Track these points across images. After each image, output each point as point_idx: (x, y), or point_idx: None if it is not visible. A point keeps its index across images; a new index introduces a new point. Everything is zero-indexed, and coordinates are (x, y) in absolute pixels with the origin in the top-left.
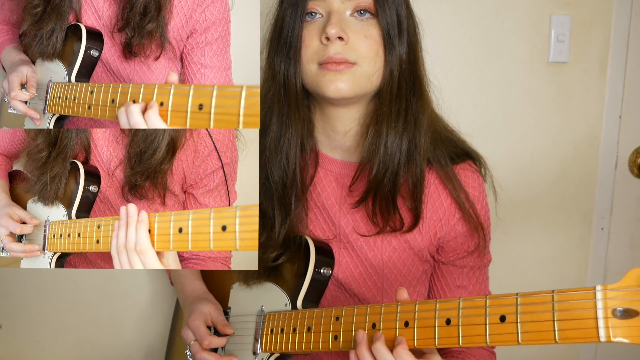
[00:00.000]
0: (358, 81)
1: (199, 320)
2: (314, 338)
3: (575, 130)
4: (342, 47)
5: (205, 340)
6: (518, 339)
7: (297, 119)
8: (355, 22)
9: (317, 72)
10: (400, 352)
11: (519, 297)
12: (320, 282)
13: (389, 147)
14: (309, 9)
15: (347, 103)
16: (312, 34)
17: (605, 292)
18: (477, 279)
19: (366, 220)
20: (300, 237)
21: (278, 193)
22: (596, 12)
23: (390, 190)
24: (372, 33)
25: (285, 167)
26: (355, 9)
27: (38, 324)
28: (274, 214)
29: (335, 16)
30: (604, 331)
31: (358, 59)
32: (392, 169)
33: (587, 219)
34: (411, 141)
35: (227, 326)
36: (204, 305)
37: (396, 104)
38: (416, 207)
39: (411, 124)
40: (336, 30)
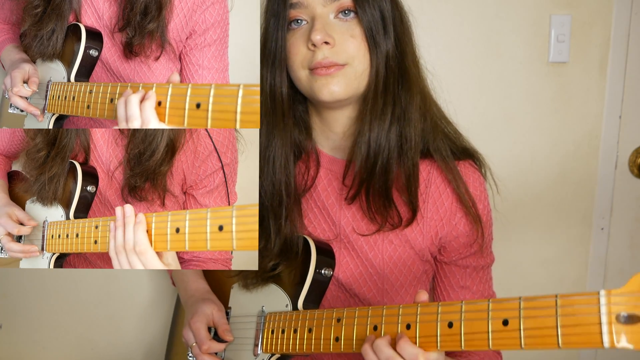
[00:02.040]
0: (350, 82)
1: (201, 322)
2: (315, 339)
3: (575, 130)
4: (330, 51)
5: (204, 344)
6: (521, 343)
7: (283, 129)
8: (340, 23)
9: (309, 78)
10: (401, 344)
11: (522, 301)
12: (321, 282)
13: (373, 144)
14: (292, 17)
15: (342, 105)
16: (299, 41)
17: (609, 297)
18: (480, 279)
19: (365, 218)
20: (301, 237)
21: (269, 203)
22: (596, 12)
23: (382, 185)
24: (357, 32)
25: (272, 178)
26: (338, 10)
27: (38, 324)
28: (268, 224)
29: (319, 21)
30: (608, 337)
31: (348, 59)
32: (381, 163)
33: (587, 219)
34: (401, 135)
35: (227, 332)
36: (207, 305)
37: (382, 99)
38: (411, 201)
39: (400, 118)
40: (321, 35)
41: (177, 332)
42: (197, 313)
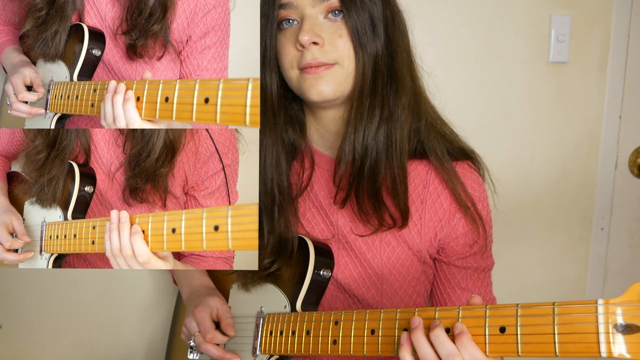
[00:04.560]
0: (339, 81)
1: (205, 312)
2: (313, 342)
3: (575, 130)
4: (319, 51)
5: (208, 334)
6: (518, 350)
7: (271, 128)
8: (330, 23)
9: (299, 77)
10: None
11: (519, 309)
12: (320, 283)
13: (359, 147)
14: (282, 17)
15: (333, 104)
16: (289, 41)
17: (607, 306)
18: (480, 282)
19: (359, 219)
20: (298, 237)
21: (262, 203)
22: (596, 12)
23: (371, 188)
24: (345, 32)
25: (264, 177)
26: (327, 10)
27: (38, 324)
28: (262, 222)
29: (307, 22)
30: (605, 346)
31: (337, 59)
32: (369, 166)
33: (587, 219)
34: (388, 136)
35: (230, 326)
36: (212, 298)
37: (368, 101)
38: (398, 203)
39: (387, 119)
40: (309, 36)
41: (177, 332)
42: (201, 304)
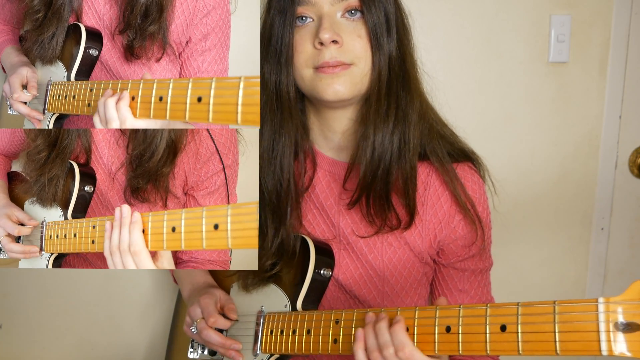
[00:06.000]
0: (355, 82)
1: (210, 300)
2: (314, 341)
3: (575, 131)
4: (337, 51)
5: (211, 317)
6: (518, 348)
7: (290, 127)
8: (347, 22)
9: (313, 77)
10: (395, 329)
11: (519, 307)
12: (321, 282)
13: (378, 147)
14: (298, 13)
15: (344, 105)
16: (304, 39)
17: (607, 304)
18: (479, 283)
19: (364, 220)
20: (300, 237)
21: (272, 203)
22: (596, 12)
23: (383, 189)
24: (364, 32)
25: (279, 177)
26: (345, 9)
27: (38, 324)
28: (266, 224)
29: (326, 20)
30: (606, 344)
31: (354, 59)
32: (383, 167)
33: (587, 219)
34: (401, 138)
35: (233, 311)
36: (216, 290)
37: (386, 101)
38: (408, 204)
39: (401, 120)
40: (330, 34)
41: (177, 332)
42: (207, 293)
